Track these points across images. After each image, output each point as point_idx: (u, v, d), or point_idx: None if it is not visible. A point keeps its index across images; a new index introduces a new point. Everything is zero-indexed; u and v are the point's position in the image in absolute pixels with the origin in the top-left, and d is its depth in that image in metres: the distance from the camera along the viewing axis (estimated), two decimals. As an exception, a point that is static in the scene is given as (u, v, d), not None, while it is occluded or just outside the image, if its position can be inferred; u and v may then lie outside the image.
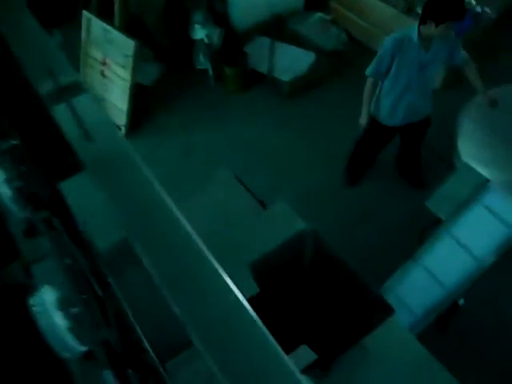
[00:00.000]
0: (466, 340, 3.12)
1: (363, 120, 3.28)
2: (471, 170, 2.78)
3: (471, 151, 3.12)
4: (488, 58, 4.14)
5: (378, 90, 3.19)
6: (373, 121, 3.32)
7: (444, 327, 2.89)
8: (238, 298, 0.86)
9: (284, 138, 4.30)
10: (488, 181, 2.72)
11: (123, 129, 4.40)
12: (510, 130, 3.23)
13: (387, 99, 3.13)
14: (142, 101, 4.58)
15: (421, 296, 2.61)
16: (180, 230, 0.93)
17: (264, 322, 1.91)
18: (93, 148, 1.06)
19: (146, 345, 0.99)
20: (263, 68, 4.59)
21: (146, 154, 4.29)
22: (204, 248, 0.91)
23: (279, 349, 0.80)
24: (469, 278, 2.54)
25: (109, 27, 4.10)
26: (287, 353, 1.84)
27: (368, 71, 3.05)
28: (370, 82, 3.11)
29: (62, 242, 1.18)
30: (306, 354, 1.74)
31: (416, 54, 2.88)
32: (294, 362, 1.79)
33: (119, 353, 1.03)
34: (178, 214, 0.95)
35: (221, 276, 0.88)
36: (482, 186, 2.71)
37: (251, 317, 0.84)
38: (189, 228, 0.93)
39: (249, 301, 1.93)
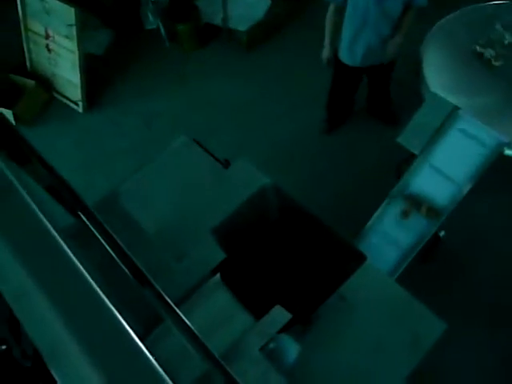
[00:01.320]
0: (454, 272, 3.12)
1: (324, 53, 3.12)
2: (439, 99, 2.67)
3: (437, 80, 2.99)
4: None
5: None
6: (336, 60, 3.18)
7: (426, 259, 2.86)
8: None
9: (248, 91, 4.12)
10: (458, 108, 2.61)
11: (80, 104, 4.18)
12: (470, 53, 3.10)
13: (347, 32, 2.98)
14: (96, 72, 4.33)
15: (405, 231, 2.56)
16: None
17: (236, 287, 1.84)
18: None
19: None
20: (217, 20, 4.33)
21: (109, 129, 4.11)
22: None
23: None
24: (453, 202, 2.52)
25: (44, -4, 3.80)
26: (263, 314, 1.79)
27: None
28: (330, 9, 2.94)
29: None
30: (281, 315, 1.67)
31: None
32: (270, 324, 1.74)
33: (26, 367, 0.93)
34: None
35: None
36: (452, 113, 2.61)
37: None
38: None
39: (217, 268, 1.85)
